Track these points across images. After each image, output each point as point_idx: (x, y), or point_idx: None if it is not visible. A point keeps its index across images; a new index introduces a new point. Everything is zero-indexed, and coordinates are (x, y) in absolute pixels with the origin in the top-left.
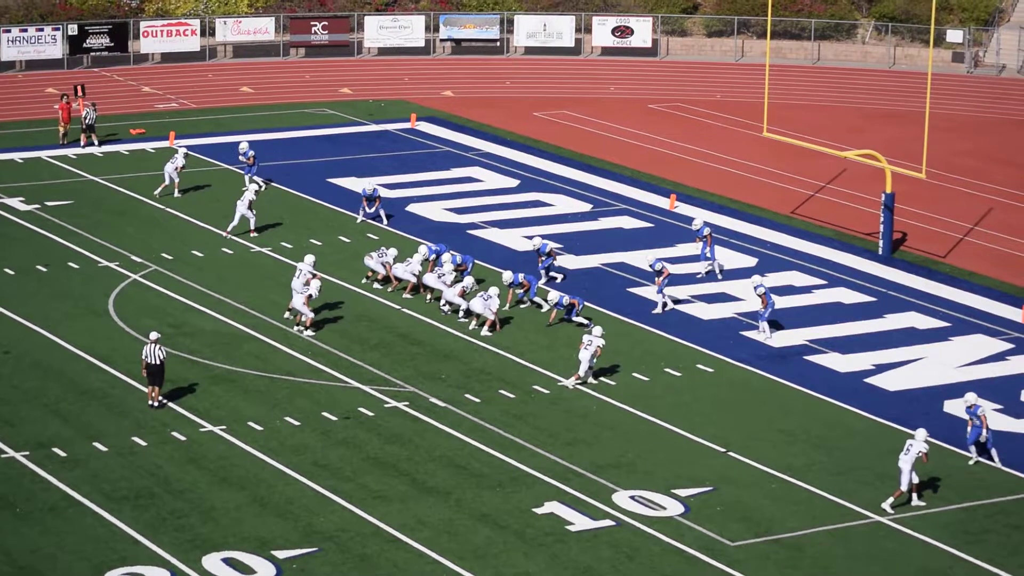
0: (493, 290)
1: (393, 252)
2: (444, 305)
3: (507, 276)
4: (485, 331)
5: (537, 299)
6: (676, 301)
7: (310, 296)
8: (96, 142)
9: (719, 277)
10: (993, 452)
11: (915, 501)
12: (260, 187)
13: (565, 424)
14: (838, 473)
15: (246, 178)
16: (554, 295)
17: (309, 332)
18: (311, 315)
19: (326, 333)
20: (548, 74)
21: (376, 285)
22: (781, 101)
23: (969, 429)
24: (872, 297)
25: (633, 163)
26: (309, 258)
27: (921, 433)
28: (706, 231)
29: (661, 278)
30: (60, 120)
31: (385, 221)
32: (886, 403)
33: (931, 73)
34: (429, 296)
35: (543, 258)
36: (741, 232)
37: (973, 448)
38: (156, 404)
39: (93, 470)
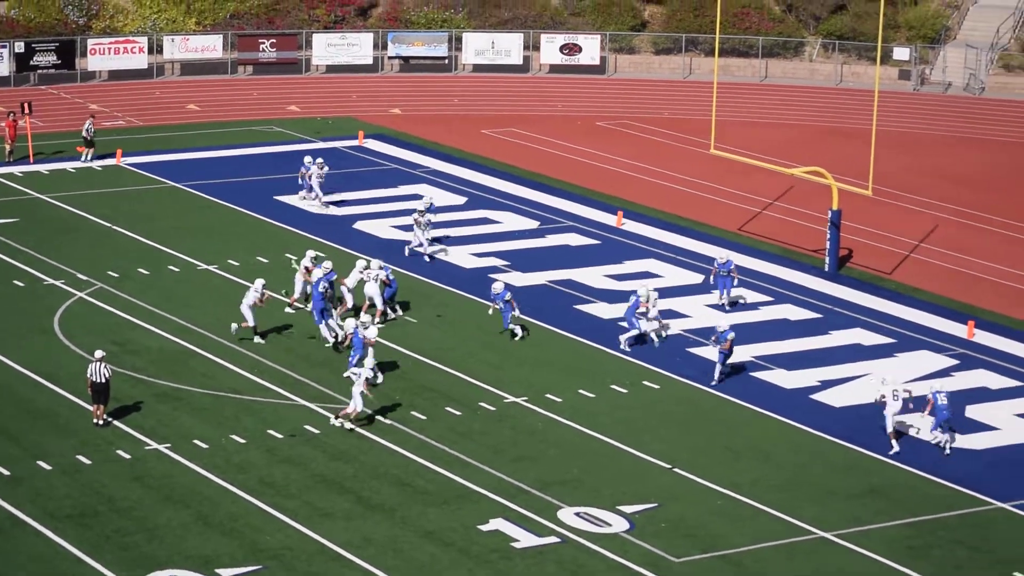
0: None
1: (306, 259)
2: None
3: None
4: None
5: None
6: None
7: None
8: (89, 156)
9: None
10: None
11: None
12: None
13: (511, 441)
14: (783, 489)
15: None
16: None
17: (347, 425)
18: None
19: (272, 350)
20: (496, 92)
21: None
22: (729, 118)
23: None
24: (818, 314)
25: (581, 180)
26: (259, 282)
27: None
28: (732, 267)
29: (646, 310)
30: (6, 138)
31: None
32: (831, 419)
33: (878, 90)
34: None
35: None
36: (688, 249)
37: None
38: (101, 422)
39: (37, 488)
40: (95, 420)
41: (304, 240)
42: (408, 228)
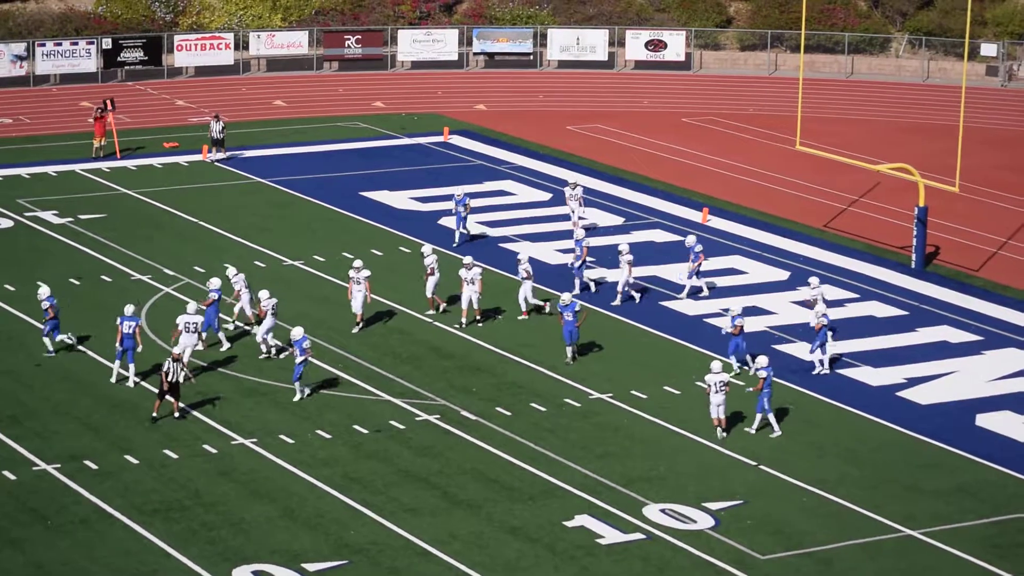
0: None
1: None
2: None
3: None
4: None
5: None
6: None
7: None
8: (221, 155)
9: (680, 295)
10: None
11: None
12: (464, 235)
13: (596, 437)
14: (869, 487)
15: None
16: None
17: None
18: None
19: (358, 346)
20: (581, 88)
21: None
22: (814, 115)
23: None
24: (905, 311)
25: (666, 177)
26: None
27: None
28: (698, 247)
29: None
30: (95, 135)
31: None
32: (918, 417)
33: (965, 87)
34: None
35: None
36: (774, 246)
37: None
38: (178, 415)
39: (124, 483)
40: (175, 414)
41: (390, 236)
42: (492, 224)
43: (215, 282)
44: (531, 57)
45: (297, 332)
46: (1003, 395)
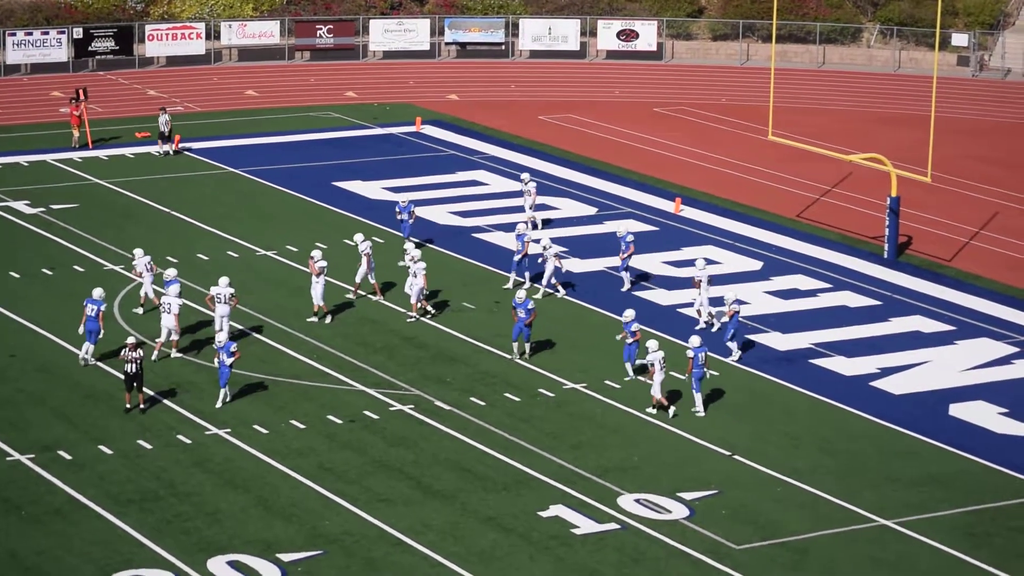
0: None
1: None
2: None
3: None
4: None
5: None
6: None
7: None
8: (170, 151)
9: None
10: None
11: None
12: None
13: (570, 427)
14: (843, 476)
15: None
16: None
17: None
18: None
19: (331, 336)
20: (553, 78)
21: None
22: (786, 105)
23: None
24: (877, 301)
25: (638, 167)
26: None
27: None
28: (629, 238)
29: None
30: (72, 124)
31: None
32: (891, 406)
33: (936, 77)
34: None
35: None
36: (746, 236)
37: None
38: (143, 406)
39: (99, 473)
40: (141, 405)
41: (362, 226)
42: (464, 214)
43: (171, 272)
44: (503, 47)
45: (222, 338)
46: (976, 385)
